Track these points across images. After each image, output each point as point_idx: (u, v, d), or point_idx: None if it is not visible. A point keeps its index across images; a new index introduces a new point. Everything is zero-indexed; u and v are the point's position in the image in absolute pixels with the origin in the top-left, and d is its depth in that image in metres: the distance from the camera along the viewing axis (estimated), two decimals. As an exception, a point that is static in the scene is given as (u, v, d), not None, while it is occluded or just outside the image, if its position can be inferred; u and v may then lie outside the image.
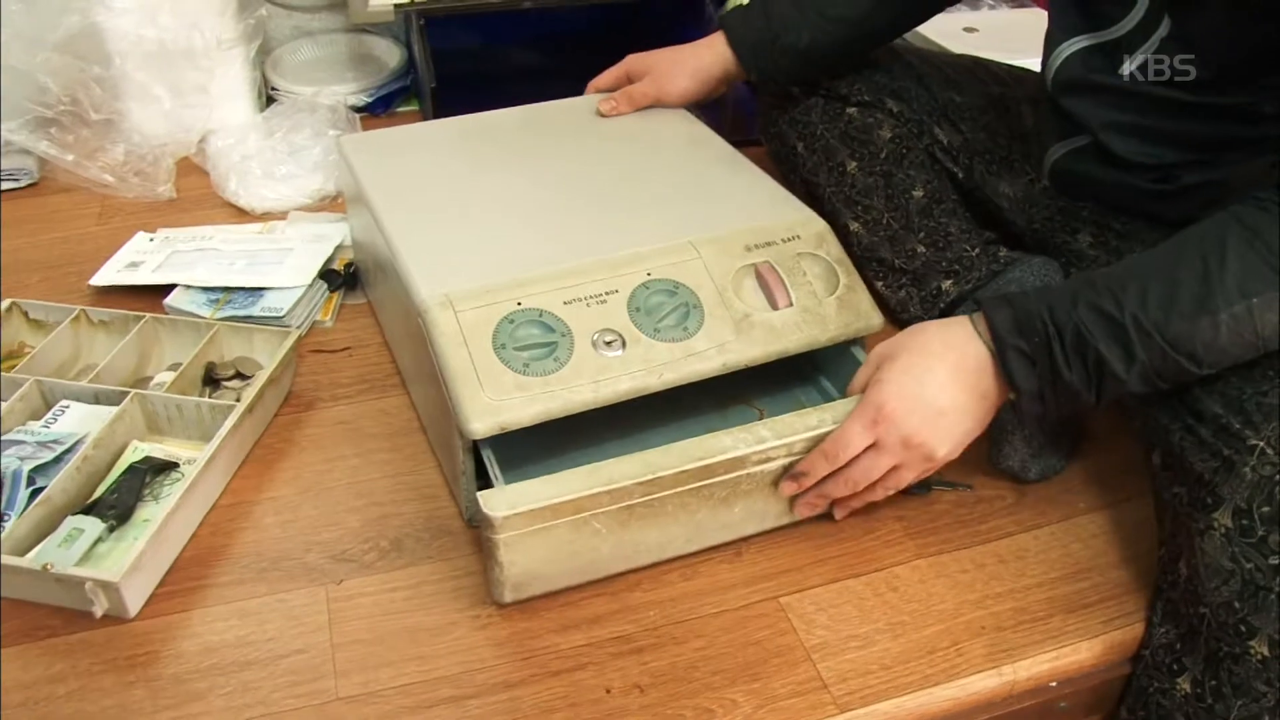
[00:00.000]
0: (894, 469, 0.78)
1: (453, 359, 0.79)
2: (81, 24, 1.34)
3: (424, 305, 0.81)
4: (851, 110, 1.16)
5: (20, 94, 1.33)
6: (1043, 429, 0.90)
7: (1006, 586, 0.83)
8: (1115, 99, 0.93)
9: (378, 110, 1.54)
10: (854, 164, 1.14)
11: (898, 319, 1.08)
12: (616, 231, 0.91)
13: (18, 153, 1.35)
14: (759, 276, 0.88)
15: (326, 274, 1.14)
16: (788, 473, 0.80)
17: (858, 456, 0.78)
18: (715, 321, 0.85)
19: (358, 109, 1.51)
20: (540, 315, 0.82)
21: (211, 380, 0.98)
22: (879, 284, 1.10)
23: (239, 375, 0.98)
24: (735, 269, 0.88)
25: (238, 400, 0.91)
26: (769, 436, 0.78)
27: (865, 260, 1.11)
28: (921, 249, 1.08)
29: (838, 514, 0.86)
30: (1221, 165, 0.90)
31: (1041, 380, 0.74)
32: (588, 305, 0.83)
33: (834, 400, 0.86)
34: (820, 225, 0.93)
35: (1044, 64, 0.98)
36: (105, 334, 1.03)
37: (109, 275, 1.15)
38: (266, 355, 1.00)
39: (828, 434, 0.78)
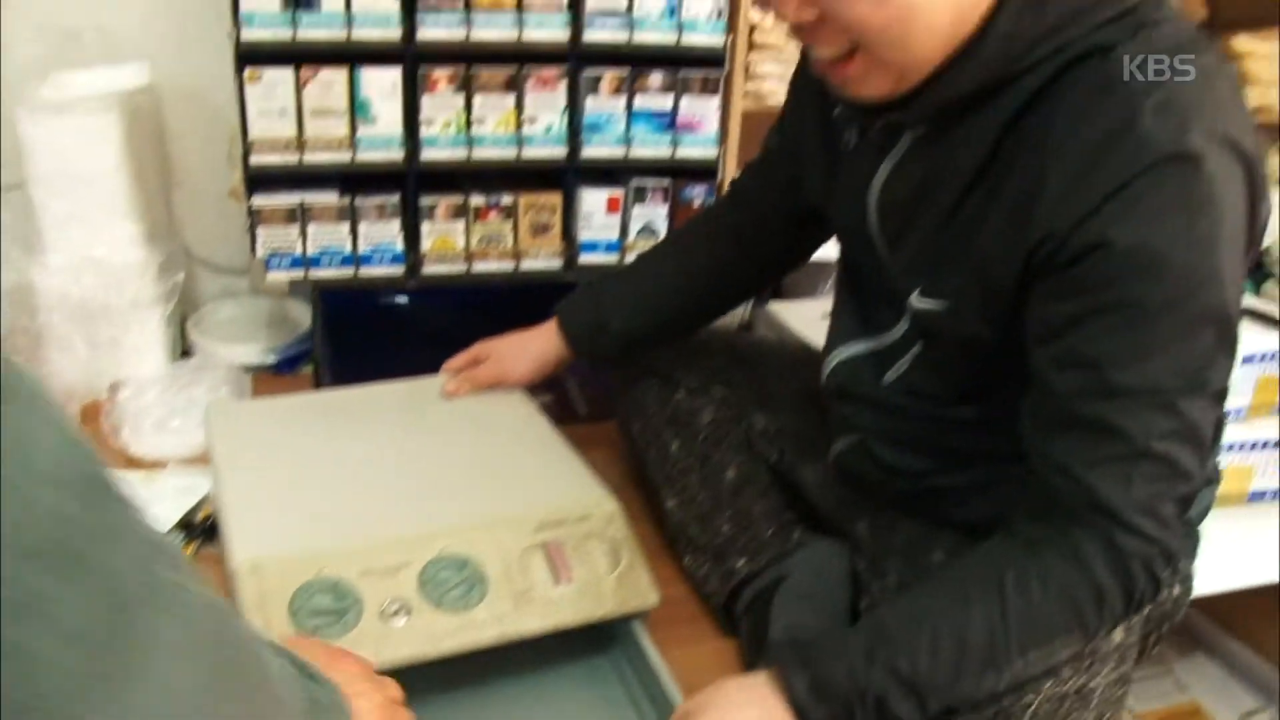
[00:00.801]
0: None
1: (251, 619, 0.88)
2: (18, 280, 1.51)
3: (235, 567, 0.92)
4: (680, 395, 1.29)
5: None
6: None
7: None
8: (876, 407, 1.05)
9: (283, 370, 1.68)
10: (676, 444, 1.27)
11: (700, 594, 1.18)
12: (426, 506, 1.02)
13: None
14: (546, 554, 0.99)
15: (186, 524, 1.24)
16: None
17: None
18: (498, 595, 0.95)
19: (266, 368, 1.66)
20: (335, 584, 0.92)
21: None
22: (686, 559, 1.21)
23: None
24: (524, 546, 0.98)
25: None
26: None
27: (677, 537, 1.22)
28: (726, 527, 1.19)
29: None
30: (971, 471, 1.02)
31: None
32: (381, 576, 0.93)
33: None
34: (610, 507, 1.05)
35: (821, 367, 1.12)
36: None
37: None
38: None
39: None
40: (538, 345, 1.30)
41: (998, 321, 0.87)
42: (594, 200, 1.56)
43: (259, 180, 1.44)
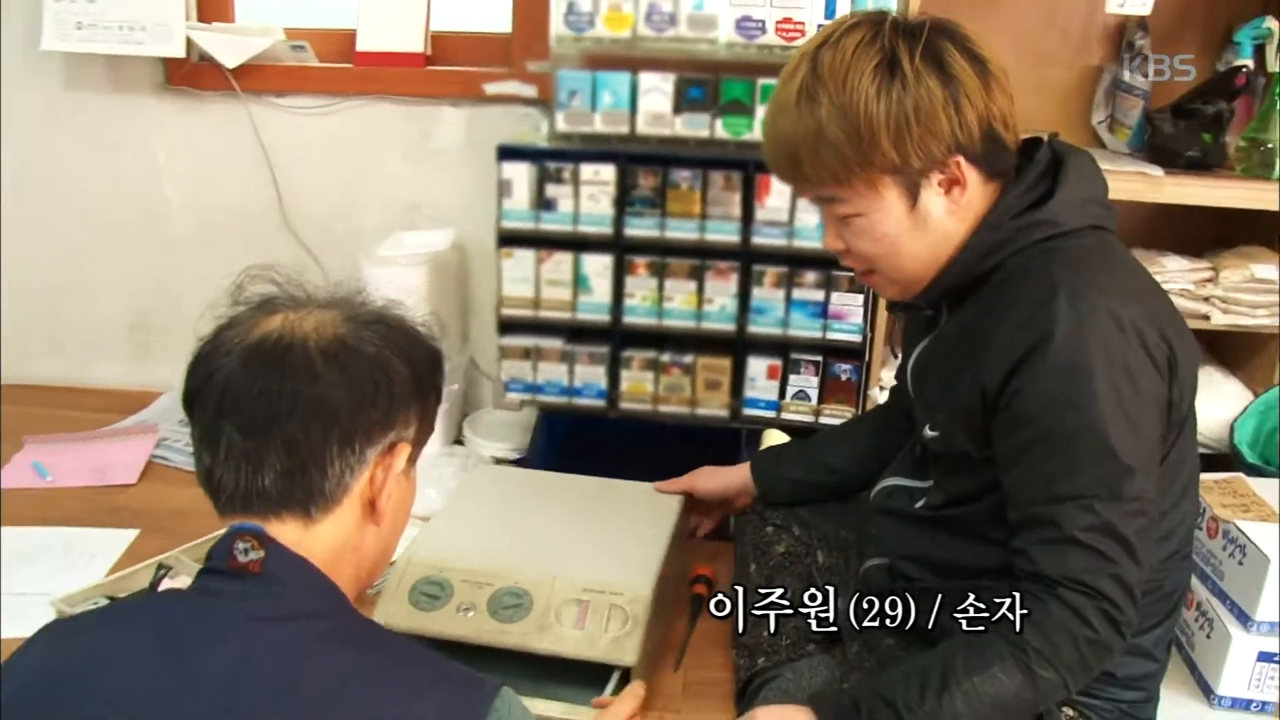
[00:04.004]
0: None
1: (389, 591, 1.41)
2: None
3: (396, 559, 1.42)
4: (768, 528, 1.64)
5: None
6: None
7: None
8: (905, 522, 1.34)
9: (521, 464, 2.19)
10: (754, 565, 1.61)
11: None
12: (530, 553, 1.47)
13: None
14: (580, 607, 1.40)
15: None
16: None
17: None
18: (531, 621, 1.37)
19: (510, 460, 2.16)
20: (442, 583, 1.41)
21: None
22: (734, 650, 1.54)
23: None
24: (567, 598, 1.40)
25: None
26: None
27: (733, 635, 1.56)
28: (765, 634, 1.51)
29: None
30: (973, 584, 1.24)
31: None
32: (471, 586, 1.41)
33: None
34: (641, 592, 1.40)
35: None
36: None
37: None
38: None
39: None
40: (730, 474, 1.70)
41: (976, 441, 1.18)
42: (757, 367, 1.94)
43: (507, 326, 1.98)
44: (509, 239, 1.92)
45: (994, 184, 1.18)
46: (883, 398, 1.86)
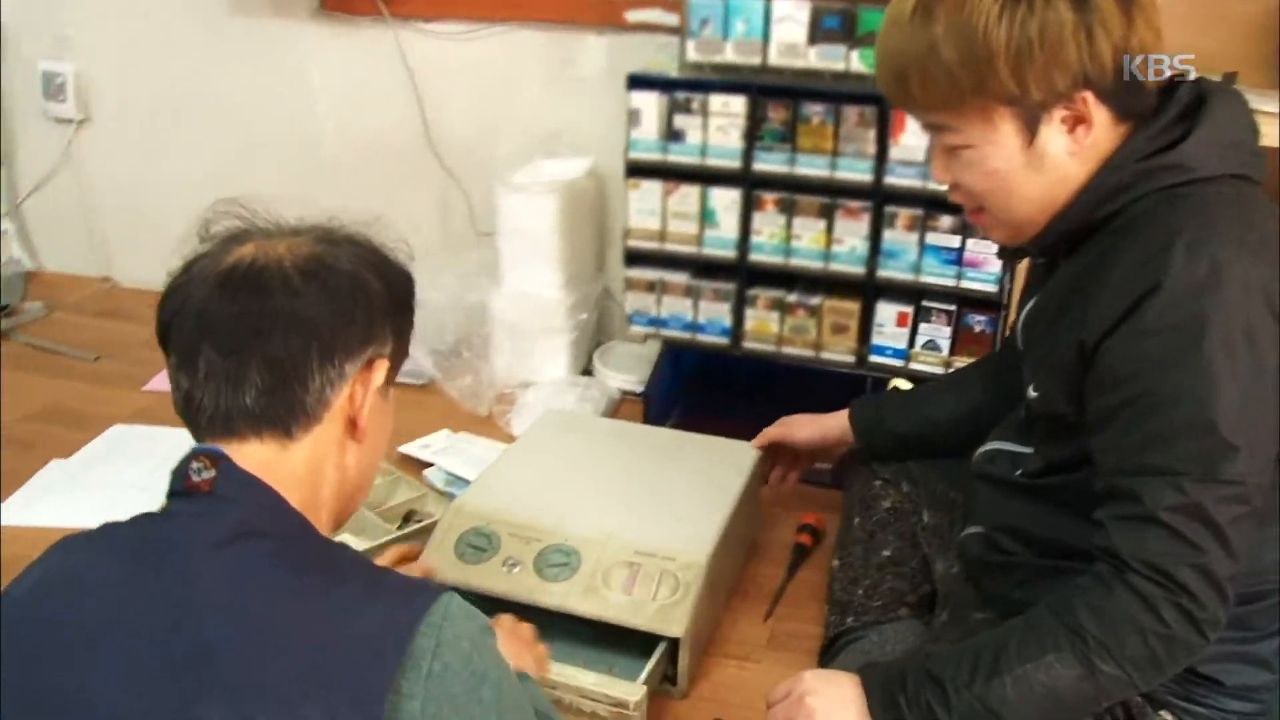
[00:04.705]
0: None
1: (437, 537, 1.41)
2: (479, 300, 2.17)
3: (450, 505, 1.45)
4: (876, 482, 1.59)
5: (428, 330, 2.18)
6: None
7: None
8: (1006, 490, 1.25)
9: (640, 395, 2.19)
10: (858, 520, 1.56)
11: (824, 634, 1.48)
12: (584, 510, 1.43)
13: (418, 363, 2.19)
14: (630, 571, 1.34)
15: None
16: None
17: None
18: (577, 582, 1.33)
19: (634, 394, 2.17)
20: (490, 535, 1.39)
21: (406, 517, 1.66)
22: (827, 608, 1.51)
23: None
24: (617, 560, 1.35)
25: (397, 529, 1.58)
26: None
27: (828, 591, 1.52)
28: (860, 593, 1.47)
29: None
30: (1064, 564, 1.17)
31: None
32: (519, 541, 1.38)
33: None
34: (696, 559, 1.34)
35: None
36: (379, 475, 1.76)
37: (410, 448, 1.90)
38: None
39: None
40: (827, 422, 1.64)
41: (1075, 403, 1.08)
42: (886, 313, 1.87)
43: (633, 258, 1.97)
44: (637, 169, 1.89)
45: (1125, 126, 1.07)
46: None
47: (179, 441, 0.84)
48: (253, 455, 0.83)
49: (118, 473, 1.83)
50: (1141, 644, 0.96)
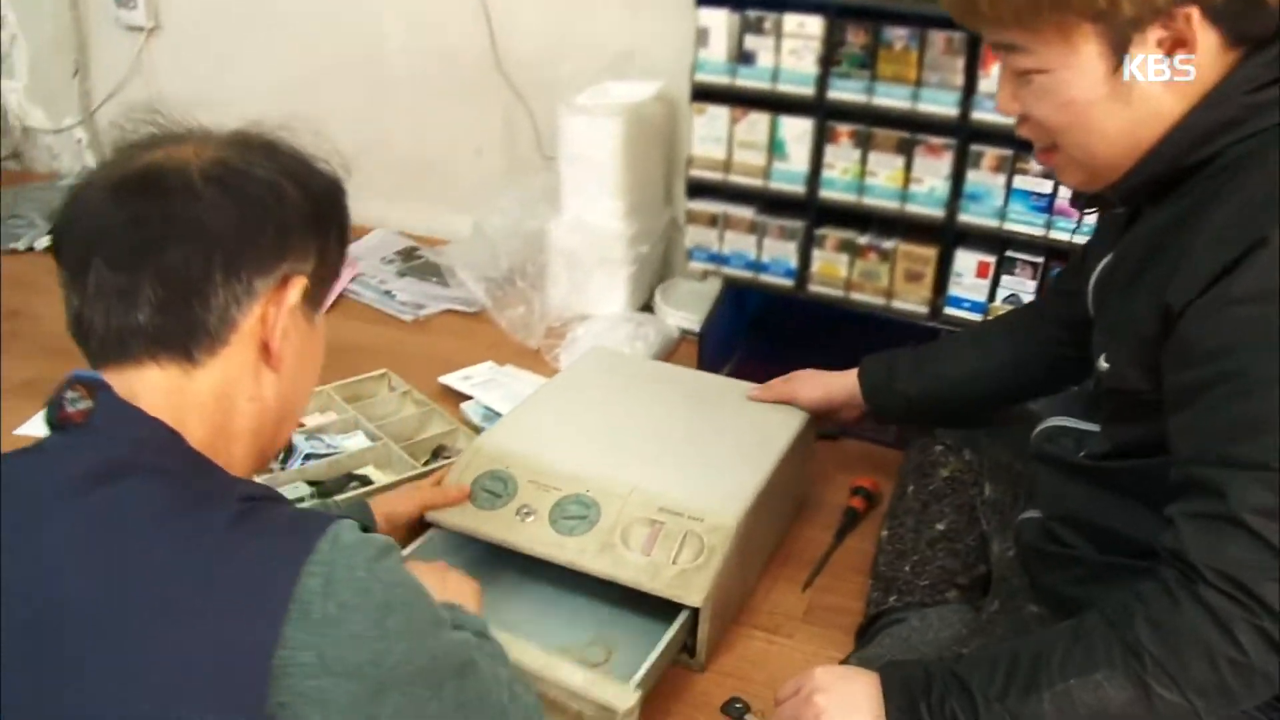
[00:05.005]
0: None
1: (455, 472, 1.32)
2: (537, 227, 2.07)
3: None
4: (937, 448, 1.45)
5: (483, 256, 2.09)
6: None
7: None
8: (1067, 473, 1.11)
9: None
10: (912, 488, 1.43)
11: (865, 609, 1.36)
12: (609, 458, 1.31)
13: (470, 290, 2.11)
14: (651, 529, 1.21)
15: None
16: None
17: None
18: (593, 538, 1.20)
19: (694, 334, 2.05)
20: (507, 479, 1.27)
21: (435, 453, 1.58)
22: (871, 580, 1.38)
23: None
24: (639, 517, 1.22)
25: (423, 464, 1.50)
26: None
27: (874, 562, 1.40)
28: (907, 568, 1.34)
29: None
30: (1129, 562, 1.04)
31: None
32: (536, 488, 1.27)
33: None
34: (724, 520, 1.20)
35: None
36: (413, 406, 1.69)
37: (451, 379, 1.82)
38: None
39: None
40: (833, 382, 1.50)
41: (1151, 378, 0.93)
42: (966, 262, 1.71)
43: (696, 189, 1.84)
44: (702, 93, 1.76)
45: (1235, 53, 0.90)
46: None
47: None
48: (151, 382, 0.74)
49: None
50: (1209, 669, 0.80)
